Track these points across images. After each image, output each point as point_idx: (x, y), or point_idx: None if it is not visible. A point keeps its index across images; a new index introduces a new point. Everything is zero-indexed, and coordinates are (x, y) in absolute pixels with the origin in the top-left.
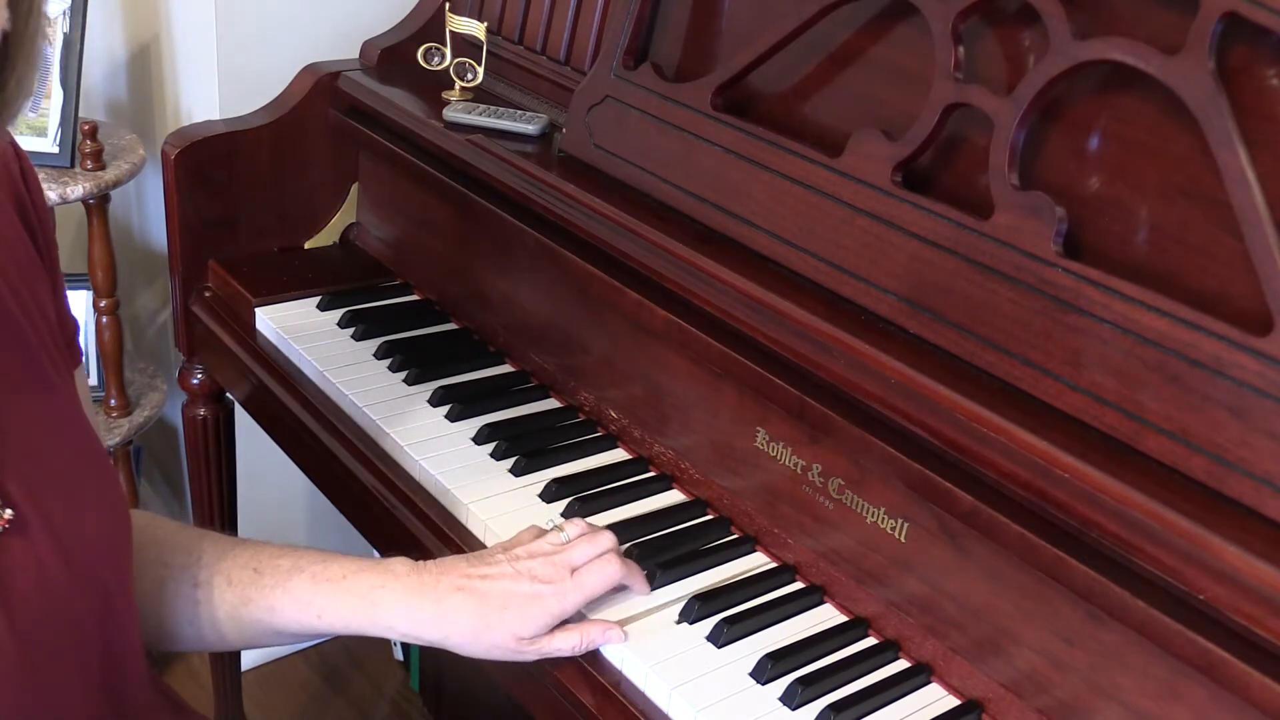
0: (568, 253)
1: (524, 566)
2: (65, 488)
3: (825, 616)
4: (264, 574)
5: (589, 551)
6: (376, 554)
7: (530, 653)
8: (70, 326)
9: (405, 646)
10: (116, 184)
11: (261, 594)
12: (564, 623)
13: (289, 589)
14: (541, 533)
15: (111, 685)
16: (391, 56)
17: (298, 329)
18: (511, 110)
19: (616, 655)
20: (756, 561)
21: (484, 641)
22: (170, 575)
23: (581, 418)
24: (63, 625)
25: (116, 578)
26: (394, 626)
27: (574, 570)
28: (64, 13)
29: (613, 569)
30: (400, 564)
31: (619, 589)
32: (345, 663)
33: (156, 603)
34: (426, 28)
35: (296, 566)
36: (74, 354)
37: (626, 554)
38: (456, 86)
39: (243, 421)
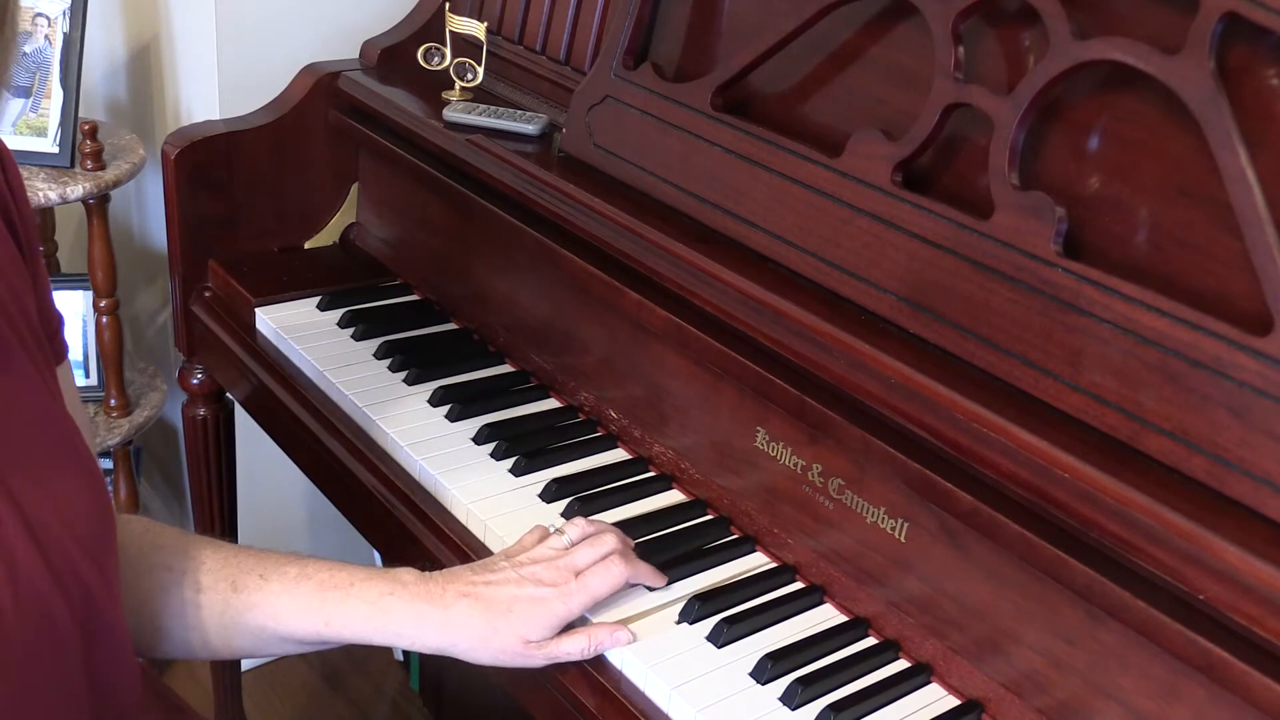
0: (568, 253)
1: (528, 571)
2: (42, 483)
3: (825, 616)
4: (270, 580)
5: (592, 554)
6: (376, 554)
7: (538, 657)
8: (53, 321)
9: None
10: (116, 184)
11: (268, 600)
12: (571, 627)
13: (296, 595)
14: (545, 534)
15: (98, 686)
16: (391, 56)
17: (298, 329)
18: (511, 110)
19: (616, 655)
20: (756, 561)
21: (491, 647)
22: (172, 579)
23: (581, 418)
24: (40, 625)
25: (99, 576)
26: (401, 634)
27: (578, 573)
28: (64, 13)
29: (616, 570)
30: (407, 573)
31: (627, 587)
32: (345, 663)
33: (157, 607)
34: (426, 28)
35: (303, 574)
36: (58, 349)
37: None
38: (456, 86)
39: (243, 421)
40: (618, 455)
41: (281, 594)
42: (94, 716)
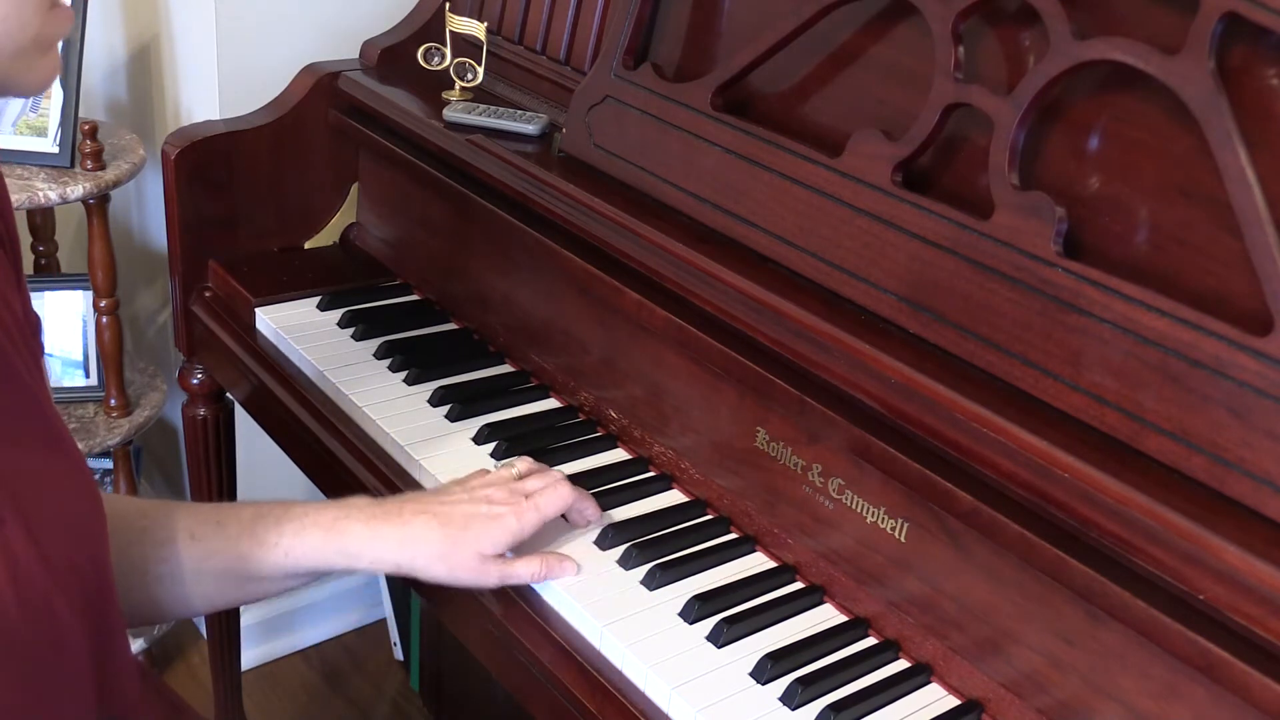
0: (568, 253)
1: (480, 494)
2: (38, 482)
3: (825, 616)
4: (227, 525)
5: (540, 482)
6: None
7: (493, 575)
8: (33, 318)
9: (405, 646)
10: (116, 184)
11: (227, 544)
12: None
13: (254, 534)
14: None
15: (100, 681)
16: (391, 56)
17: (298, 329)
18: (511, 110)
19: (617, 655)
20: (756, 561)
21: (449, 562)
22: (134, 539)
23: (581, 418)
24: (41, 621)
25: (94, 569)
26: (361, 553)
27: (528, 495)
28: None
29: (564, 491)
30: (359, 499)
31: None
32: (345, 663)
33: (127, 570)
34: (426, 28)
35: (258, 514)
36: (38, 346)
37: (626, 554)
38: (456, 86)
39: (243, 421)
40: (618, 455)
41: (239, 537)
42: (101, 711)
